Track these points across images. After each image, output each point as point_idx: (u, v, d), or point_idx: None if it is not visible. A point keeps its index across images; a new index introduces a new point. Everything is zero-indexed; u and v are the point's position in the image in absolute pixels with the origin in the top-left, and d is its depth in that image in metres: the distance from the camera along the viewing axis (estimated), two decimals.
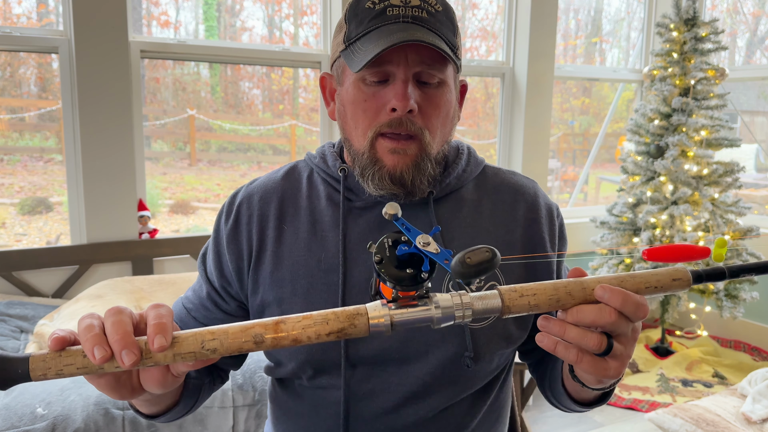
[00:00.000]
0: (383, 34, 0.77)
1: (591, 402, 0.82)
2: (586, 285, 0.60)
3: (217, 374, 0.95)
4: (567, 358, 0.61)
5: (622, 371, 0.63)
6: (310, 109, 3.65)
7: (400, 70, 0.79)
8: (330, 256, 0.86)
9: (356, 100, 0.82)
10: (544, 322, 0.61)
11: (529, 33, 3.44)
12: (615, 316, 0.59)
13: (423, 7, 0.80)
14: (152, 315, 0.57)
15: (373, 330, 0.57)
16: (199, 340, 0.56)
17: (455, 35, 0.83)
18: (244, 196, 0.92)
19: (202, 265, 0.95)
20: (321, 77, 0.92)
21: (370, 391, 0.85)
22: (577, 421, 2.72)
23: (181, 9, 3.24)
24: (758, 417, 2.06)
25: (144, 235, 2.79)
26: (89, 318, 0.57)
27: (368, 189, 0.85)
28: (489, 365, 0.87)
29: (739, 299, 3.13)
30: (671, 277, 0.61)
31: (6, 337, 2.16)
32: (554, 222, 0.95)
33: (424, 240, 0.57)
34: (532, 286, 0.59)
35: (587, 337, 0.59)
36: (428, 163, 0.83)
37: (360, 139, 0.83)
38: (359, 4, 0.81)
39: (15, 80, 2.98)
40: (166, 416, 0.81)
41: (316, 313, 0.57)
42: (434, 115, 0.82)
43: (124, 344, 0.54)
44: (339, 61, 0.85)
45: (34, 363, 0.55)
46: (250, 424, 1.89)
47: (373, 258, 0.58)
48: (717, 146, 3.25)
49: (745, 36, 4.13)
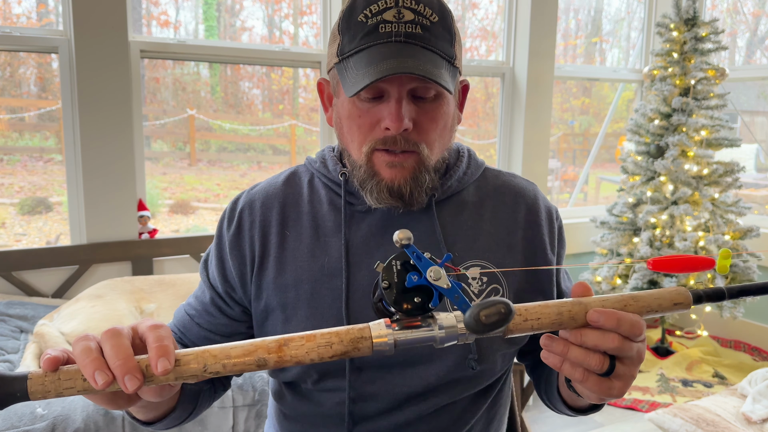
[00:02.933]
0: (375, 58, 0.75)
1: (585, 410, 0.83)
2: (589, 308, 0.60)
3: (219, 382, 0.95)
4: (573, 377, 0.62)
5: (626, 390, 0.64)
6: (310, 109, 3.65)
7: (394, 88, 0.78)
8: (333, 260, 0.86)
9: (351, 116, 0.82)
10: (548, 341, 0.61)
11: (529, 33, 3.44)
12: (618, 341, 0.59)
13: (417, 21, 0.77)
14: (153, 337, 0.55)
15: (377, 350, 0.57)
16: (201, 363, 0.55)
17: (453, 44, 0.81)
18: (245, 202, 0.92)
19: (204, 270, 0.94)
20: (318, 83, 0.92)
21: (374, 392, 0.85)
22: (577, 421, 2.72)
23: (180, 9, 3.24)
24: (758, 417, 2.06)
25: (144, 235, 2.79)
26: (85, 341, 0.55)
27: (368, 201, 0.85)
28: (494, 367, 0.88)
29: (739, 299, 3.13)
30: (672, 301, 0.62)
31: (6, 337, 2.16)
32: (554, 224, 0.95)
33: (435, 275, 0.56)
34: (536, 308, 0.59)
35: (589, 357, 0.60)
36: (426, 175, 0.83)
37: (357, 152, 0.83)
38: (352, 16, 0.79)
39: (15, 80, 2.98)
40: (163, 422, 0.79)
41: (320, 335, 0.56)
42: (431, 129, 0.82)
43: (127, 369, 0.53)
44: (333, 72, 0.84)
45: (32, 386, 0.53)
46: (250, 424, 1.89)
47: (381, 282, 0.57)
48: (717, 146, 3.25)
49: (745, 36, 4.13)
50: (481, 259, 0.88)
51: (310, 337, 0.56)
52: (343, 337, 0.56)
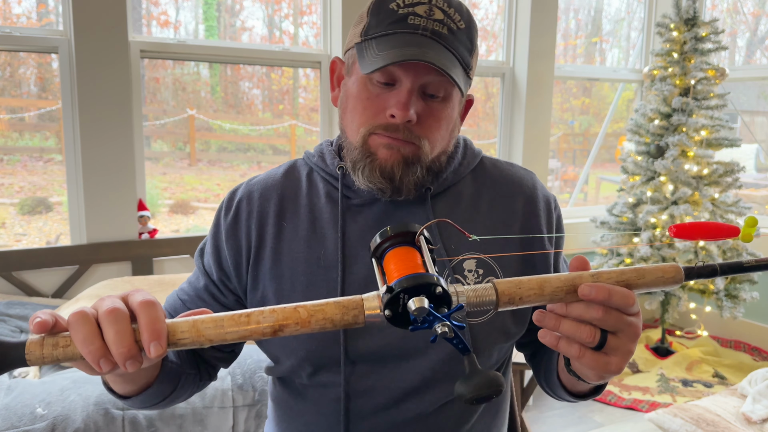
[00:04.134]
0: (399, 44, 0.77)
1: (586, 394, 0.83)
2: (581, 281, 0.61)
3: (205, 369, 0.93)
4: (569, 353, 0.62)
5: (623, 366, 0.64)
6: (310, 109, 3.65)
7: (408, 78, 0.79)
8: (329, 253, 0.86)
9: (359, 97, 0.83)
10: (540, 316, 0.62)
11: (529, 33, 3.44)
12: (601, 312, 0.59)
13: (446, 23, 0.79)
14: (145, 318, 0.54)
15: (369, 321, 0.57)
16: (195, 335, 0.55)
17: (471, 54, 0.83)
18: (244, 192, 0.93)
19: (200, 258, 0.95)
20: (332, 61, 0.92)
21: (370, 387, 0.85)
22: (577, 421, 2.72)
23: (180, 9, 3.24)
24: (758, 417, 2.06)
25: (144, 235, 2.79)
26: (84, 323, 0.54)
27: (358, 182, 0.85)
28: (489, 360, 0.88)
29: (739, 299, 3.13)
30: (664, 276, 0.62)
31: (6, 337, 2.16)
32: (552, 214, 0.95)
33: (442, 329, 0.55)
34: (532, 282, 0.60)
35: (580, 329, 0.60)
36: (418, 168, 0.83)
37: (353, 133, 0.84)
38: (384, 2, 0.81)
39: (15, 80, 2.98)
40: (139, 398, 0.77)
41: (311, 307, 0.56)
42: (434, 128, 0.83)
43: (129, 356, 0.53)
44: (352, 52, 0.85)
45: (30, 350, 0.53)
46: (250, 424, 1.89)
47: (384, 312, 0.56)
48: (717, 146, 3.25)
49: (745, 36, 4.13)
50: (477, 252, 0.88)
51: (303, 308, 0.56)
52: (336, 304, 0.56)
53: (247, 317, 0.56)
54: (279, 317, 0.56)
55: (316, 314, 0.56)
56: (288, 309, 0.56)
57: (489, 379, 0.54)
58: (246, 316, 0.56)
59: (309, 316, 0.56)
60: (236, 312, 0.56)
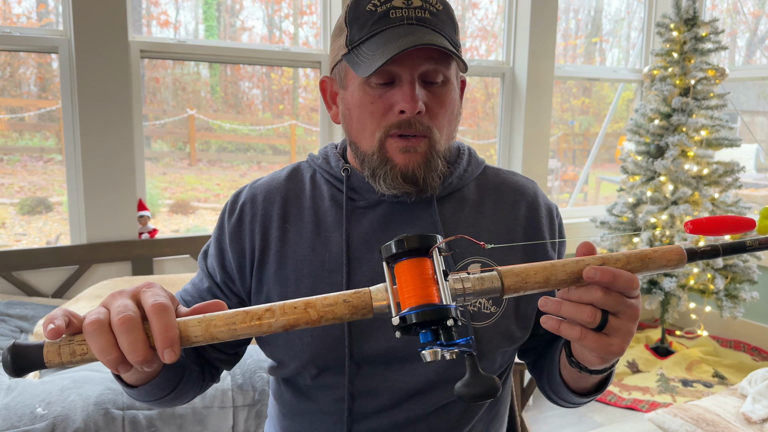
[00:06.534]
0: (389, 38, 0.78)
1: (589, 392, 0.83)
2: (585, 265, 0.62)
3: (208, 370, 0.93)
4: (571, 335, 0.63)
5: (625, 347, 0.65)
6: (310, 109, 3.65)
7: (406, 71, 0.80)
8: (334, 256, 0.86)
9: (363, 103, 0.83)
10: (544, 301, 0.63)
11: (529, 33, 3.44)
12: (601, 293, 0.61)
13: (425, 8, 0.80)
14: (159, 324, 0.55)
15: (377, 313, 0.59)
16: (208, 337, 0.57)
17: (456, 33, 0.85)
18: (247, 195, 0.93)
19: (203, 260, 0.95)
20: (321, 81, 0.92)
21: (373, 388, 0.85)
22: (577, 421, 2.72)
23: (180, 9, 3.24)
24: (758, 417, 2.06)
25: (144, 235, 2.79)
26: (100, 334, 0.55)
27: (380, 189, 0.85)
28: (493, 364, 0.88)
29: (739, 299, 3.13)
30: (668, 257, 0.63)
31: (6, 337, 2.16)
32: (554, 222, 0.96)
33: (450, 356, 0.57)
34: (537, 268, 0.61)
35: (580, 310, 0.61)
36: (438, 160, 0.84)
37: (368, 141, 0.84)
38: (359, 7, 0.81)
39: (15, 80, 2.98)
40: (144, 388, 0.76)
41: (321, 308, 0.58)
42: (441, 114, 0.83)
43: (144, 362, 0.55)
44: (341, 65, 0.85)
45: (48, 355, 0.56)
46: (250, 424, 1.89)
47: (395, 332, 0.58)
48: (717, 146, 3.25)
49: (745, 36, 4.13)
50: (481, 256, 0.88)
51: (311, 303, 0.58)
52: (343, 298, 0.58)
53: (258, 319, 0.57)
54: (290, 320, 0.58)
55: (326, 315, 0.58)
56: (299, 309, 0.58)
57: (486, 382, 0.55)
58: (257, 318, 0.57)
59: (319, 317, 0.58)
60: (247, 311, 0.58)
